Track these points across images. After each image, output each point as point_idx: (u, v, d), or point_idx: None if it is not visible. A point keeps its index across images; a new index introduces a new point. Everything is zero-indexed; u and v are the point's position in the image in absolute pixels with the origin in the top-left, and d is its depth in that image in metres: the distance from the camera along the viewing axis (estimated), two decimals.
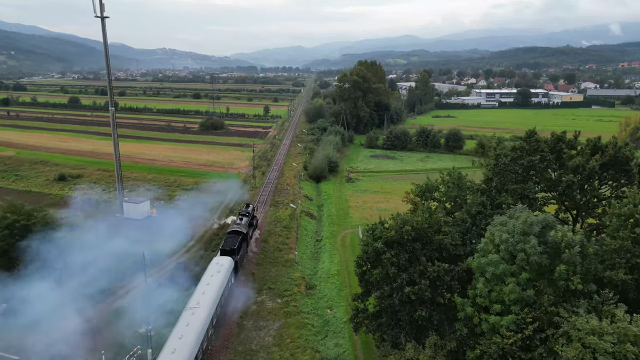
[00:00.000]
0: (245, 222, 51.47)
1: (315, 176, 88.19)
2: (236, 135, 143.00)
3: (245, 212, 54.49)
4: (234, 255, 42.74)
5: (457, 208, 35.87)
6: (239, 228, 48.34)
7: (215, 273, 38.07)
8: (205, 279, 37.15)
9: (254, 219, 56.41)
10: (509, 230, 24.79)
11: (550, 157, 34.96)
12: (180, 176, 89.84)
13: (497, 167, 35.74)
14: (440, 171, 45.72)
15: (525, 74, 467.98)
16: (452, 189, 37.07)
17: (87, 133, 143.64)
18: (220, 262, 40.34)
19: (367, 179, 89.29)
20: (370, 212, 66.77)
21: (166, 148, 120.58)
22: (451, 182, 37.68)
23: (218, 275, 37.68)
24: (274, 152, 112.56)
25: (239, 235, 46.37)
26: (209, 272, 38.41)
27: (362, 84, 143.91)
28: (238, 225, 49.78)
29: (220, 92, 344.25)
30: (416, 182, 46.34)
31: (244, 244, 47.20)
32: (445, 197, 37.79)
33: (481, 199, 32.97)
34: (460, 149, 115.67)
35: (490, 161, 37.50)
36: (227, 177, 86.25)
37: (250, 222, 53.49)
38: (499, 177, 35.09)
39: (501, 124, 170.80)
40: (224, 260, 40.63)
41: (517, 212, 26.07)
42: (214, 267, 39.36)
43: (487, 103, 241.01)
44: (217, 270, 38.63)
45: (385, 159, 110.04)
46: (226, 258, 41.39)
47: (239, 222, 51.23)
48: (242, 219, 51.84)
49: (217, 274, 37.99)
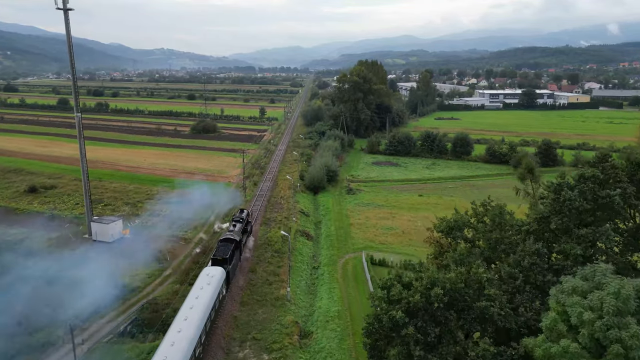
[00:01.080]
0: (239, 228, 48.49)
1: (312, 187, 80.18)
2: (229, 140, 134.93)
3: (239, 217, 51.34)
4: (226, 265, 40.36)
5: (497, 255, 27.53)
6: (232, 235, 45.44)
7: (205, 285, 35.51)
8: (194, 292, 34.60)
9: (248, 224, 53.49)
10: (594, 306, 16.83)
11: (630, 190, 25.93)
12: (164, 186, 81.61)
13: (557, 202, 25.72)
14: (451, 180, 37.45)
15: (526, 74, 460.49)
16: (491, 229, 28.71)
17: (70, 137, 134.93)
18: (210, 272, 37.81)
19: (370, 190, 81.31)
20: (375, 232, 58.78)
21: (153, 154, 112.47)
22: (489, 217, 29.36)
23: (208, 288, 35.14)
24: (268, 159, 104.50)
25: (232, 243, 43.78)
26: (198, 285, 35.90)
27: (362, 85, 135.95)
28: (231, 232, 46.78)
29: (217, 92, 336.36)
30: (431, 203, 38.31)
31: (236, 253, 44.83)
32: (480, 237, 29.55)
33: (536, 247, 24.57)
34: (468, 155, 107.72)
35: (547, 194, 28.38)
36: (215, 188, 78.23)
37: (244, 228, 50.55)
38: (561, 216, 25.62)
39: (508, 127, 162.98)
40: (215, 271, 38.10)
41: (601, 274, 18.10)
42: (203, 278, 36.82)
43: (491, 104, 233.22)
44: (207, 282, 36.05)
45: (388, 166, 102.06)
46: (217, 268, 38.83)
47: (232, 228, 48.28)
48: (235, 226, 48.88)
49: (207, 286, 35.42)
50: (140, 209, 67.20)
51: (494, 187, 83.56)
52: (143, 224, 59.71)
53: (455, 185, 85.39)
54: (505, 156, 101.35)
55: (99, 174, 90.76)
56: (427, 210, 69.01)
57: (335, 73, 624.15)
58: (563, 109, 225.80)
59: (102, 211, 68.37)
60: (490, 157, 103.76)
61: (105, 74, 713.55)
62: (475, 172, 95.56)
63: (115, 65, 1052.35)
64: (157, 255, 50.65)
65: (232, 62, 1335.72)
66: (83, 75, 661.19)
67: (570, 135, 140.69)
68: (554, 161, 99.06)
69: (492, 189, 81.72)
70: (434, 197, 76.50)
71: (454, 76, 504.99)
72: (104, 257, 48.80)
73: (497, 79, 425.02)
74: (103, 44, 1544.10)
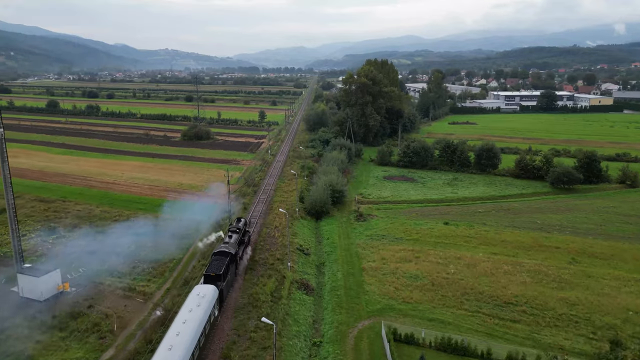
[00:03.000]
0: (235, 239, 44.88)
1: (314, 212, 66.27)
2: (223, 148, 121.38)
3: (235, 228, 47.44)
4: (220, 282, 37.25)
5: None
6: (227, 248, 41.70)
7: (195, 307, 32.26)
8: (182, 315, 31.44)
9: (245, 234, 49.67)
10: None
11: None
12: (138, 209, 68.28)
13: None
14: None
15: (539, 74, 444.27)
16: None
17: (48, 145, 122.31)
18: (201, 292, 34.47)
19: (384, 214, 67.33)
20: (395, 282, 44.79)
21: (135, 166, 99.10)
22: None
23: (198, 310, 31.96)
24: (263, 173, 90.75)
25: (226, 256, 40.34)
26: (187, 306, 32.63)
27: (371, 87, 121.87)
28: (226, 244, 42.84)
29: (217, 94, 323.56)
30: (461, 235, 25.44)
31: (232, 267, 41.45)
32: None
33: None
34: (495, 168, 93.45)
35: None
36: (198, 212, 64.66)
37: (241, 239, 47.07)
38: None
39: (531, 132, 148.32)
40: (207, 290, 34.85)
41: None
42: (193, 299, 33.54)
43: (507, 107, 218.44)
44: (197, 303, 32.84)
45: (402, 182, 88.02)
46: (209, 287, 35.52)
47: (227, 240, 44.36)
48: (231, 237, 45.04)
49: (197, 308, 32.21)
50: (99, 244, 53.57)
51: (533, 211, 69.51)
52: (93, 270, 45.98)
53: (485, 208, 71.22)
54: (540, 170, 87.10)
55: (65, 192, 77.60)
56: (457, 246, 55.02)
57: (340, 73, 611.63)
58: (585, 112, 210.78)
59: (53, 244, 55.04)
60: (522, 171, 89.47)
61: (108, 74, 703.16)
62: (506, 191, 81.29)
63: (118, 65, 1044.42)
64: (100, 323, 37.07)
65: (236, 62, 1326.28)
66: (84, 76, 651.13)
67: (603, 143, 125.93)
68: (598, 177, 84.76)
69: (531, 214, 67.80)
70: (462, 225, 62.44)
71: (463, 77, 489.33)
72: (20, 329, 35.33)
73: (508, 79, 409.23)
74: (108, 45, 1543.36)
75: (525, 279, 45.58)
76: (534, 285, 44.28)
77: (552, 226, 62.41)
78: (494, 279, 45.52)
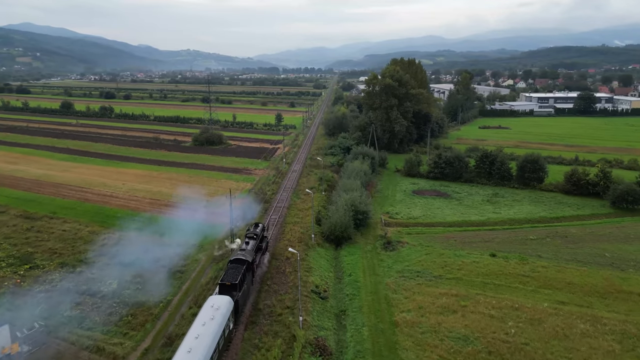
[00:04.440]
0: (252, 246, 43.37)
1: (334, 237, 56.17)
2: (235, 154, 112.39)
3: (252, 233, 45.67)
4: (235, 292, 34.96)
5: None
6: (243, 255, 39.90)
7: (209, 321, 30.27)
8: (195, 330, 29.51)
9: (263, 240, 47.77)
10: None
11: None
12: (132, 229, 59.30)
13: None
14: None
15: (570, 75, 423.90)
16: None
17: (52, 150, 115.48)
18: (216, 304, 32.21)
19: (416, 241, 56.77)
20: (439, 349, 34.24)
21: (138, 175, 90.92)
22: None
23: (211, 324, 29.95)
24: (276, 186, 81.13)
25: (243, 264, 38.48)
26: (200, 320, 30.63)
27: (397, 89, 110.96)
28: (242, 251, 41.23)
29: (235, 95, 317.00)
30: (514, 274, 29.59)
31: (248, 275, 39.45)
32: None
33: None
34: (540, 182, 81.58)
35: None
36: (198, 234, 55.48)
37: (258, 245, 45.21)
38: None
39: (572, 139, 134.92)
40: (221, 302, 32.56)
41: None
42: (207, 311, 31.50)
43: (540, 110, 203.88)
44: (211, 316, 30.79)
45: (435, 197, 77.09)
46: (224, 298, 33.19)
47: (244, 247, 42.92)
48: (248, 243, 43.60)
49: (211, 321, 30.23)
50: (71, 281, 44.67)
51: (596, 238, 57.79)
52: (56, 321, 36.92)
53: (537, 234, 59.83)
54: (596, 186, 75.00)
55: (55, 207, 69.52)
56: (512, 289, 44.11)
57: (361, 74, 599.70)
58: (626, 116, 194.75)
59: (25, 275, 46.51)
60: (573, 186, 77.44)
61: (129, 74, 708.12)
62: (558, 211, 69.45)
63: (141, 66, 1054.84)
64: None
65: (256, 63, 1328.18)
66: (106, 76, 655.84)
67: None
68: None
69: (595, 243, 56.13)
70: (514, 258, 51.39)
71: (488, 77, 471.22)
72: None
73: (538, 80, 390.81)
74: (131, 46, 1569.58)
75: (612, 346, 34.50)
76: (627, 357, 33.21)
77: (626, 261, 50.77)
78: (569, 345, 34.59)
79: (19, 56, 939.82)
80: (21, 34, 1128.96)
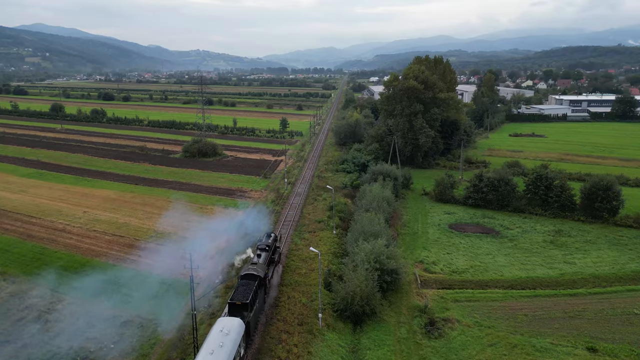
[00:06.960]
0: (264, 259, 38.52)
1: (351, 313, 38.65)
2: (229, 169, 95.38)
3: (264, 245, 40.55)
4: (247, 312, 31.02)
5: None
6: (255, 270, 35.16)
7: (217, 348, 26.10)
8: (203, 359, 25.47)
9: (275, 252, 42.37)
10: None
11: None
12: (71, 287, 42.76)
13: None
14: None
15: (594, 75, 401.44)
16: None
17: (19, 163, 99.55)
18: (225, 327, 28.16)
19: (468, 317, 39.25)
20: None
21: (108, 198, 74.30)
22: None
23: (221, 352, 25.80)
24: (275, 217, 63.76)
25: (255, 280, 33.95)
26: (207, 347, 26.43)
27: (422, 93, 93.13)
28: (254, 265, 36.41)
29: (240, 96, 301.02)
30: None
31: (260, 292, 34.54)
32: None
33: None
34: (614, 214, 63.28)
35: None
36: (164, 303, 38.73)
37: (270, 258, 40.18)
38: None
39: (624, 150, 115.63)
40: (231, 325, 28.56)
41: None
42: (216, 337, 27.27)
43: (574, 114, 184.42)
44: (220, 342, 26.69)
45: (480, 236, 59.18)
46: (234, 321, 29.13)
47: (255, 260, 38.09)
48: (260, 256, 38.82)
49: (220, 349, 26.07)
50: None
51: None
52: None
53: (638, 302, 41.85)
54: None
55: None
56: None
57: (371, 74, 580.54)
58: None
59: None
60: None
61: (137, 75, 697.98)
62: None
63: (149, 66, 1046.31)
64: None
65: (265, 63, 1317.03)
66: (112, 76, 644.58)
67: None
68: None
69: None
70: (623, 354, 33.60)
71: (505, 78, 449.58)
72: None
73: (560, 81, 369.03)
74: (141, 46, 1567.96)
75: None
76: None
77: None
78: None
79: (29, 56, 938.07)
80: (32, 34, 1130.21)
